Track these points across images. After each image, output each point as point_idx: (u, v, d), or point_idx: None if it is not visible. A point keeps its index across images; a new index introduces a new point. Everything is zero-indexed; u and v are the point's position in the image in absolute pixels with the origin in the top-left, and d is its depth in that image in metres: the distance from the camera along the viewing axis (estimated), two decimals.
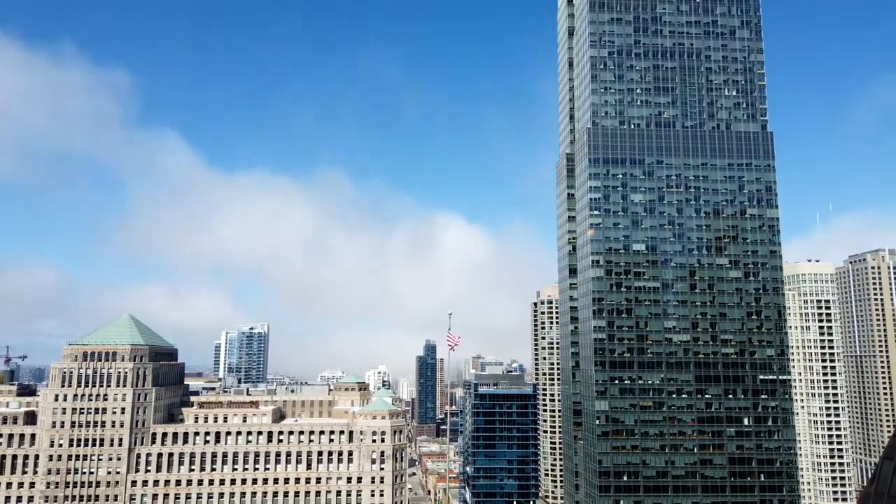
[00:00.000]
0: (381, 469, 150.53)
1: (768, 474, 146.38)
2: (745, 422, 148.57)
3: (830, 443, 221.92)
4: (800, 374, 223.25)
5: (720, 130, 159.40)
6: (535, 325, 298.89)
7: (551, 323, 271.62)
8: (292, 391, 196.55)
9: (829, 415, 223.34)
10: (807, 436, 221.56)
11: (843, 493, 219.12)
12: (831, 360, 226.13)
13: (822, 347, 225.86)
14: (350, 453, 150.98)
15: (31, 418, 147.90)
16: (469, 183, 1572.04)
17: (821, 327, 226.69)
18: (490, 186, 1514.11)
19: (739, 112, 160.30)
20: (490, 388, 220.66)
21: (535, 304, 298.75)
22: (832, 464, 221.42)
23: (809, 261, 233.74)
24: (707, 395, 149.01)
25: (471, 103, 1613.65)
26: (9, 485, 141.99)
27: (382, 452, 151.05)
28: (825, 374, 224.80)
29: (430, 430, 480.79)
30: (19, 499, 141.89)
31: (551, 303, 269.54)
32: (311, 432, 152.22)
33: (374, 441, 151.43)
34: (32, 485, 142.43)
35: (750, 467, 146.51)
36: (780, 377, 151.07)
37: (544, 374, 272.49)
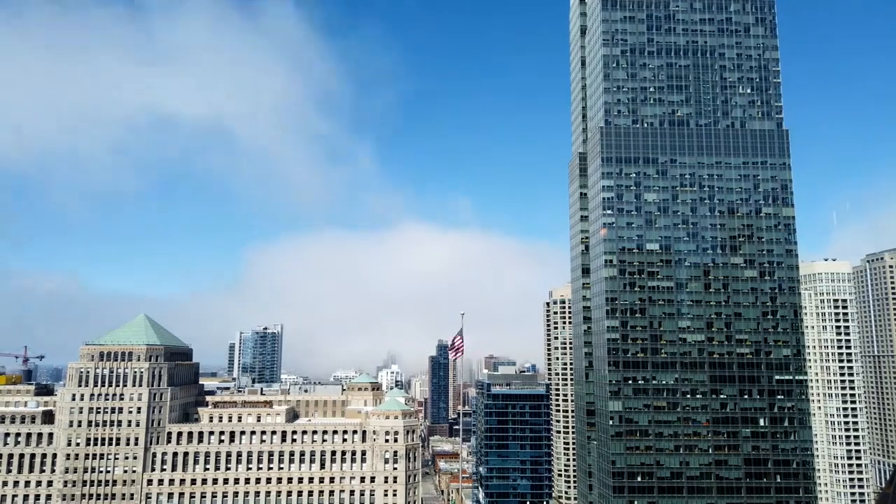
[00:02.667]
0: (394, 469, 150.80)
1: (784, 475, 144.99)
2: (761, 422, 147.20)
3: (848, 444, 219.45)
4: (816, 374, 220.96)
5: (735, 128, 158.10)
6: (548, 325, 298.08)
7: (564, 323, 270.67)
8: (306, 391, 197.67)
9: (846, 415, 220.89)
10: (824, 437, 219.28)
11: (861, 494, 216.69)
12: (848, 361, 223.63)
13: (839, 347, 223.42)
14: (363, 453, 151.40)
15: (48, 417, 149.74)
16: (479, 181, 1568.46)
17: (838, 327, 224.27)
18: (501, 185, 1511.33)
19: (754, 110, 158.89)
20: (503, 388, 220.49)
21: (548, 303, 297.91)
22: (849, 465, 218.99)
23: (826, 260, 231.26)
24: (722, 396, 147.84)
25: (481, 103, 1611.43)
26: (27, 483, 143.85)
27: (395, 452, 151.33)
28: (842, 375, 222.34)
29: (442, 429, 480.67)
30: (37, 497, 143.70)
31: (564, 303, 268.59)
32: (325, 432, 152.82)
33: (387, 441, 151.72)
34: (50, 483, 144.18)
35: (766, 468, 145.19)
36: (797, 377, 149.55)
37: (557, 374, 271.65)
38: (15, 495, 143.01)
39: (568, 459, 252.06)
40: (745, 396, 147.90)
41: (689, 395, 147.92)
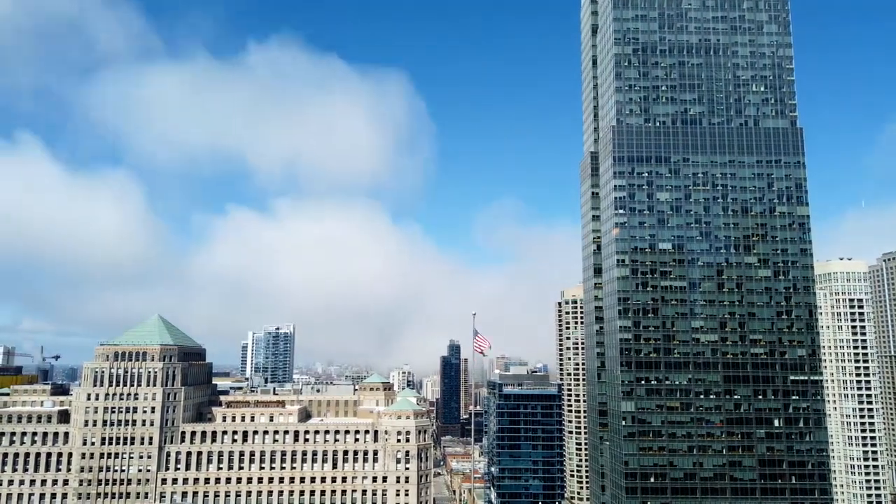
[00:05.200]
0: (406, 469, 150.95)
1: (800, 476, 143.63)
2: (776, 423, 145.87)
3: (864, 445, 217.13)
4: (832, 374, 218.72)
5: (748, 127, 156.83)
6: (560, 326, 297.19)
7: (576, 323, 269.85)
8: (318, 391, 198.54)
9: (862, 416, 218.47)
10: (839, 437, 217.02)
11: (878, 496, 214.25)
12: (864, 361, 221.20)
13: (855, 347, 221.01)
14: (375, 453, 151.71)
15: (64, 417, 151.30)
16: (489, 181, 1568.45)
17: (853, 327, 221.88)
18: (511, 185, 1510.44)
19: (768, 108, 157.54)
20: (514, 388, 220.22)
21: (560, 303, 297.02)
22: (866, 466, 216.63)
23: (841, 259, 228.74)
24: (736, 396, 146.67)
25: (491, 103, 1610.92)
26: (43, 482, 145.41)
27: (407, 452, 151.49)
28: (858, 375, 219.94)
29: (454, 430, 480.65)
30: (53, 496, 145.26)
31: (576, 303, 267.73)
32: (337, 432, 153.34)
33: (398, 441, 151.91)
34: (66, 482, 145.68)
35: (781, 469, 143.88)
36: (812, 378, 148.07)
37: (569, 374, 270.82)
38: (31, 494, 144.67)
39: (580, 460, 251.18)
40: (760, 397, 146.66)
41: (702, 396, 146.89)
